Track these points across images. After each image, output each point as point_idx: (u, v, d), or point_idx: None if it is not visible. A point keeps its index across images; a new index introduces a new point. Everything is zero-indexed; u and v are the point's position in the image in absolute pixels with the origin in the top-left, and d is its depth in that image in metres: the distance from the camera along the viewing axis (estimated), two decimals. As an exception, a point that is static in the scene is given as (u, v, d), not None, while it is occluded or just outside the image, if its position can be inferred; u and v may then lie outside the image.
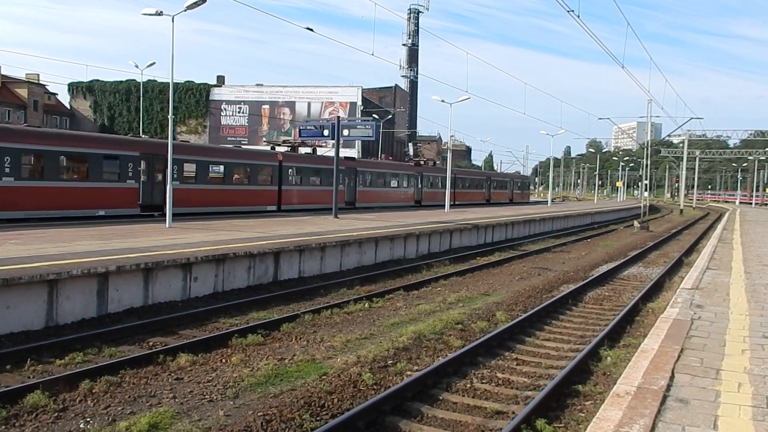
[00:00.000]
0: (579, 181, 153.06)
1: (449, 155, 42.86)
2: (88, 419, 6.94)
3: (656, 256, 24.93)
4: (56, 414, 7.02)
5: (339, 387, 7.93)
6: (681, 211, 70.20)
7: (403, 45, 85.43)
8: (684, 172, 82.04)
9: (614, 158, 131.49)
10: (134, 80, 67.91)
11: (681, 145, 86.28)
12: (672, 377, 5.84)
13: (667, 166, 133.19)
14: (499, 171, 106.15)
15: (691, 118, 68.69)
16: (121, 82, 72.30)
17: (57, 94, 76.52)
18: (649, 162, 54.87)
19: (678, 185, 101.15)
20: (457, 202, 49.29)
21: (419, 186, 45.21)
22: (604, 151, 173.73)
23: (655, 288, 16.27)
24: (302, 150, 36.79)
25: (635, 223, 40.80)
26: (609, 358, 9.61)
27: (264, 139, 68.34)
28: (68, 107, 75.14)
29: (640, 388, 5.45)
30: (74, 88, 73.55)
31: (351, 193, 36.60)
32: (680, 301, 9.78)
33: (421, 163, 51.13)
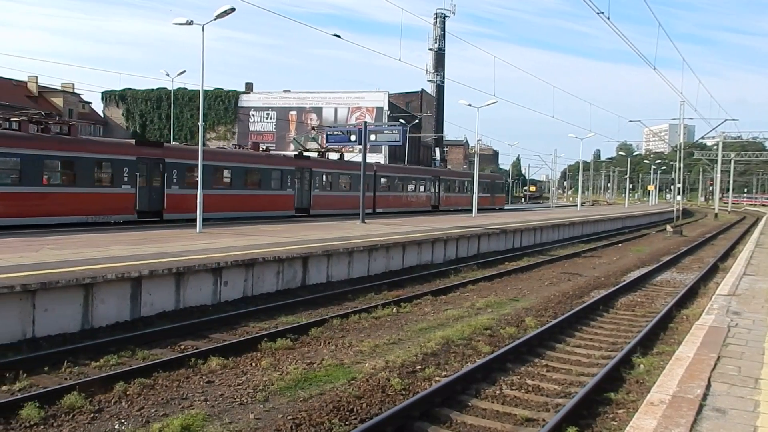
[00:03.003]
0: (609, 184, 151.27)
1: (476, 160, 42.67)
2: (123, 420, 7.05)
3: (690, 262, 24.50)
4: (92, 415, 7.15)
5: (367, 392, 7.94)
6: (716, 215, 68.94)
7: (430, 49, 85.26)
8: (718, 175, 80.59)
9: (645, 161, 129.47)
10: (165, 88, 68.90)
11: (715, 147, 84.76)
12: (708, 386, 5.73)
13: (701, 169, 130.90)
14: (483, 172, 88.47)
15: (726, 120, 67.59)
16: (153, 90, 73.44)
17: (91, 102, 77.99)
18: (681, 165, 53.93)
19: (712, 188, 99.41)
20: (377, 210, 37.10)
21: (307, 188, 32.33)
22: (635, 154, 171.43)
23: (689, 294, 15.98)
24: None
25: (668, 227, 40.16)
26: (642, 365, 9.47)
27: (292, 141, 68.95)
28: (102, 115, 76.53)
29: (675, 397, 5.36)
30: (107, 96, 74.90)
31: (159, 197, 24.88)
32: (716, 308, 9.60)
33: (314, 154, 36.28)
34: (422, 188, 43.65)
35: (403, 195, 41.09)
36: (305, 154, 35.08)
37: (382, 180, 38.94)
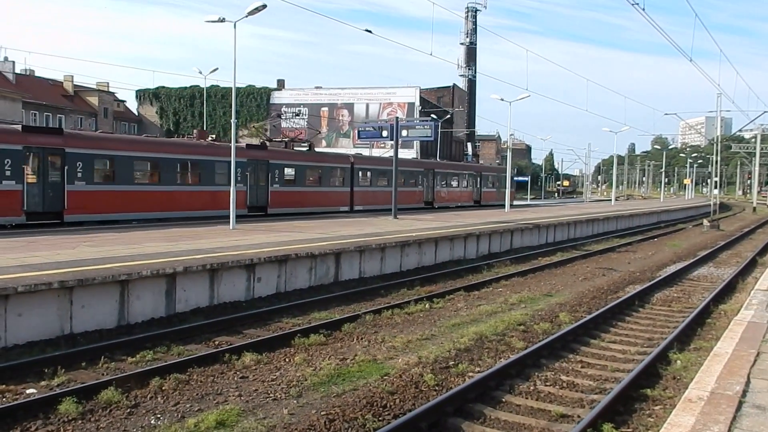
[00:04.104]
0: (644, 178, 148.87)
1: (509, 155, 42.34)
2: (159, 415, 7.16)
3: (728, 256, 23.98)
4: (129, 410, 7.27)
5: (401, 387, 7.94)
6: (754, 209, 67.38)
7: (461, 44, 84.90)
8: (757, 168, 78.71)
9: (681, 155, 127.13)
10: (198, 86, 69.75)
11: (753, 140, 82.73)
12: (748, 382, 5.60)
13: (739, 163, 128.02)
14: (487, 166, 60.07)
15: (765, 112, 66.01)
16: (186, 88, 74.38)
17: (125, 101, 79.54)
18: (718, 158, 52.77)
19: (750, 182, 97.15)
20: (355, 207, 32.68)
21: (264, 183, 27.89)
22: (670, 147, 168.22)
23: (727, 289, 15.64)
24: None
25: (705, 221, 39.39)
26: (679, 361, 9.30)
27: (323, 140, 69.25)
28: (136, 113, 77.88)
29: (713, 393, 5.25)
30: (141, 95, 76.13)
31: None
32: (755, 303, 9.38)
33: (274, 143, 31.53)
34: (412, 182, 37.91)
35: (388, 190, 34.05)
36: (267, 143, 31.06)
37: (361, 173, 34.26)
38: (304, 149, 32.88)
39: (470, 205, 44.58)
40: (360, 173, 34.08)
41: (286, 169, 29.15)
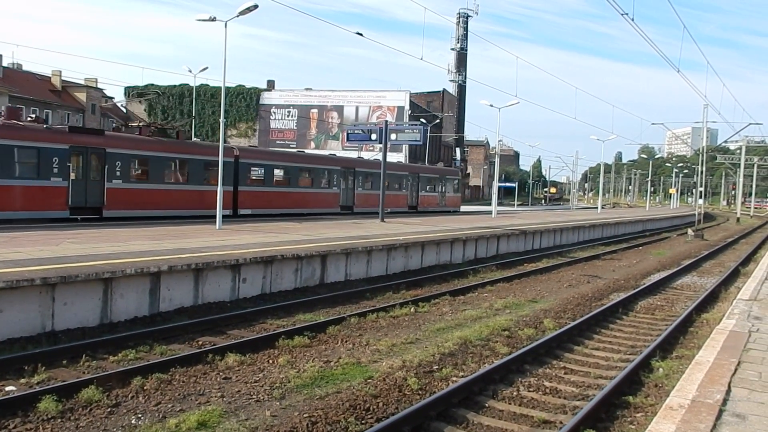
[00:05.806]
0: (630, 187, 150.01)
1: (497, 160, 42.49)
2: (140, 415, 7.10)
3: (711, 266, 24.18)
4: (109, 409, 7.19)
5: (384, 391, 7.93)
6: (738, 219, 68.00)
7: (452, 49, 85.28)
8: (741, 179, 79.44)
9: (667, 164, 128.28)
10: (187, 84, 69.54)
11: (738, 151, 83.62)
12: (728, 391, 5.64)
13: (723, 173, 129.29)
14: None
15: (750, 124, 66.73)
16: (175, 86, 74.08)
17: (114, 98, 78.98)
18: (704, 168, 53.19)
19: (734, 192, 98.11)
20: (240, 211, 26.52)
21: (98, 178, 21.78)
22: (656, 157, 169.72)
23: (710, 298, 15.77)
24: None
25: (689, 231, 39.67)
26: (661, 369, 9.36)
27: (312, 142, 69.16)
28: (124, 111, 77.38)
29: (694, 402, 5.29)
30: (130, 92, 75.73)
31: None
32: (737, 313, 9.45)
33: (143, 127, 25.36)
34: (325, 183, 32.26)
35: (290, 191, 30.02)
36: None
37: (251, 170, 27.83)
38: (165, 138, 25.90)
39: (404, 211, 38.34)
40: (248, 170, 27.65)
41: (132, 160, 22.90)
